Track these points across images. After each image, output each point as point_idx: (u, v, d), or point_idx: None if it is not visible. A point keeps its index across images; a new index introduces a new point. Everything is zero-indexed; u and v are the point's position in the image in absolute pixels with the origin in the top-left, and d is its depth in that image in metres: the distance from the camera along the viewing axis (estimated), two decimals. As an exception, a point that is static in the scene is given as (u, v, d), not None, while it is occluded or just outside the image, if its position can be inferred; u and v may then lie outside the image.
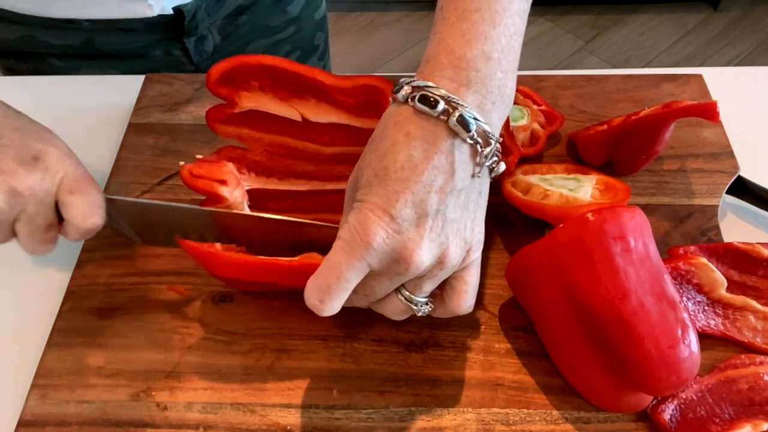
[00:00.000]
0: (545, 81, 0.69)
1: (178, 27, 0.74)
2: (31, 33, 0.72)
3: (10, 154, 0.45)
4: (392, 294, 0.44)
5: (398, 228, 0.40)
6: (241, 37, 0.81)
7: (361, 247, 0.39)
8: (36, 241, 0.47)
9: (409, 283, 0.43)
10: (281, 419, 0.47)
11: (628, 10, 2.16)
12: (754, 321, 0.51)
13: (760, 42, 2.06)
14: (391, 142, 0.41)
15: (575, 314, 0.45)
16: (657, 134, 0.57)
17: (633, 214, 0.45)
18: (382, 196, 0.40)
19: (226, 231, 0.51)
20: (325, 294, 0.40)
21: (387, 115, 0.42)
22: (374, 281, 0.42)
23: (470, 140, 0.40)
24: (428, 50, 0.43)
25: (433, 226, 0.41)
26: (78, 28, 0.72)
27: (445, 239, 0.41)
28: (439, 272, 0.43)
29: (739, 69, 0.74)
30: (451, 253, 0.42)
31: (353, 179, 0.44)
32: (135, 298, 0.54)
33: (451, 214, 0.41)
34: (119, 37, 0.74)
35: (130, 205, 0.51)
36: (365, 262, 0.40)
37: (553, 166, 0.60)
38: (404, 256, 0.40)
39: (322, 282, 0.40)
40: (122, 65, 0.76)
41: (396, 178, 0.40)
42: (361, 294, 0.44)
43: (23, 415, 0.48)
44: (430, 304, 0.45)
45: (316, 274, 0.40)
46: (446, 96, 0.40)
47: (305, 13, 0.86)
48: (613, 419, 0.47)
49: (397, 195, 0.40)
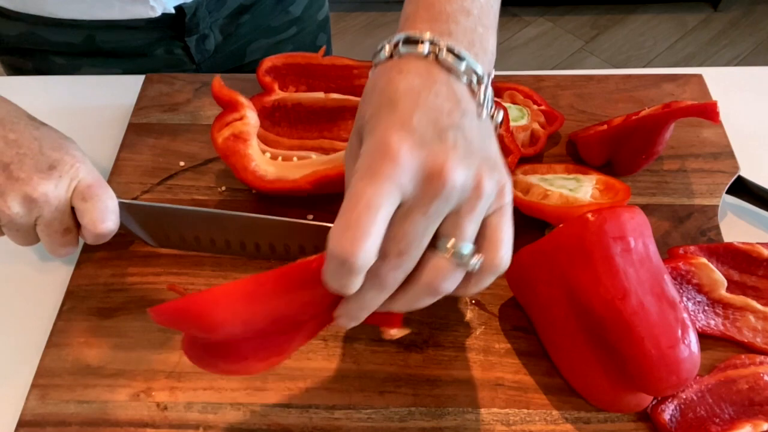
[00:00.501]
0: (545, 81, 0.69)
1: (179, 25, 0.74)
2: (33, 30, 0.73)
3: (28, 163, 0.48)
4: (433, 252, 0.36)
5: (421, 140, 0.34)
6: (243, 36, 0.81)
7: (385, 165, 0.33)
8: (56, 245, 0.51)
9: (447, 225, 0.36)
10: (281, 419, 0.47)
11: (628, 10, 2.16)
12: (754, 321, 0.51)
13: (760, 42, 2.06)
14: (386, 80, 0.37)
15: (575, 314, 0.45)
16: (657, 134, 0.57)
17: (633, 214, 0.45)
18: (394, 117, 0.35)
19: (234, 233, 0.52)
20: (355, 230, 0.32)
21: (374, 72, 0.39)
22: (407, 222, 0.34)
23: (465, 76, 0.38)
24: (406, 8, 0.42)
25: (456, 141, 0.35)
26: (79, 26, 0.72)
27: (475, 161, 0.36)
28: (477, 203, 0.36)
29: (739, 69, 0.74)
30: (485, 178, 0.36)
31: (355, 133, 0.39)
32: (135, 298, 0.54)
33: (471, 136, 0.36)
34: (120, 35, 0.74)
35: (144, 209, 0.53)
36: (394, 182, 0.33)
37: (553, 166, 0.60)
38: (436, 170, 0.34)
39: (348, 217, 0.32)
40: (123, 63, 0.76)
41: (403, 101, 0.36)
42: (394, 257, 0.35)
43: (23, 415, 0.48)
44: (477, 256, 0.37)
45: (338, 217, 0.33)
46: (430, 38, 0.38)
47: (307, 14, 0.86)
48: (613, 419, 0.47)
49: (410, 112, 0.35)
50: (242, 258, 0.56)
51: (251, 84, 0.68)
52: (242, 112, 0.55)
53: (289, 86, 0.61)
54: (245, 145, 0.54)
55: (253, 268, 0.55)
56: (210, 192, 0.60)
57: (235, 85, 0.68)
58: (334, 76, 0.61)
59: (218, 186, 0.60)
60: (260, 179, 0.54)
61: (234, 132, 0.54)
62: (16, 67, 0.79)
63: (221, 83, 0.56)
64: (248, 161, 0.54)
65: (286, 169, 0.55)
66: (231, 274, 0.55)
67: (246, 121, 0.55)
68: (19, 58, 0.77)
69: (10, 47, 0.76)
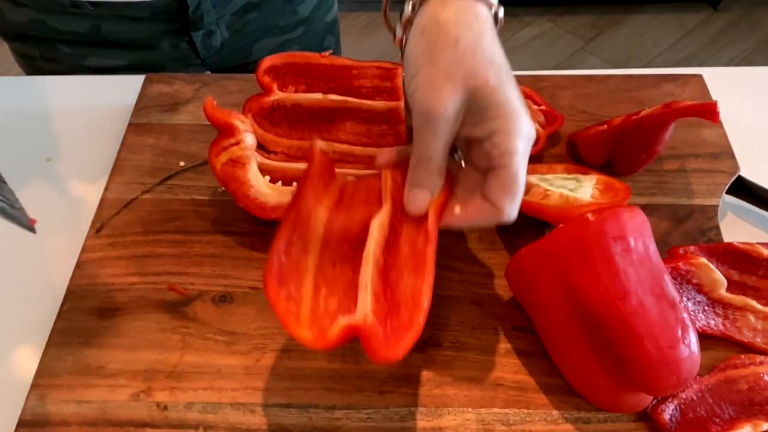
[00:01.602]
0: (545, 81, 0.69)
1: (184, 18, 0.74)
2: (40, 17, 0.73)
3: None
4: None
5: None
6: (250, 34, 0.81)
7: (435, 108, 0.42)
8: None
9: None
10: (281, 419, 0.47)
11: (628, 10, 2.16)
12: (754, 321, 0.51)
13: (760, 42, 2.06)
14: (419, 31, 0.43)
15: (575, 314, 0.45)
16: (657, 134, 0.57)
17: (633, 214, 0.45)
18: (435, 64, 0.42)
19: None
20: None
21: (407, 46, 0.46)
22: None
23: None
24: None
25: (501, 70, 0.43)
26: (84, 14, 0.72)
27: (515, 86, 0.44)
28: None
29: (739, 69, 0.74)
30: (524, 110, 0.44)
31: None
32: (135, 298, 0.54)
33: (505, 63, 0.44)
34: (126, 25, 0.74)
35: None
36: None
37: (553, 166, 0.60)
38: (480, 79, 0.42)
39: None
40: (129, 55, 0.76)
41: (441, 49, 0.42)
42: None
43: (23, 415, 0.48)
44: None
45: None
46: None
47: (316, 15, 0.86)
48: (613, 419, 0.47)
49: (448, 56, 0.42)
50: (242, 259, 0.56)
51: (250, 84, 0.68)
52: (238, 136, 0.53)
53: (288, 86, 0.61)
54: (244, 170, 0.53)
55: (253, 268, 0.55)
56: (210, 192, 0.60)
57: (239, 84, 0.69)
58: (333, 76, 0.61)
59: (218, 186, 0.61)
60: (260, 208, 0.54)
61: (232, 157, 0.53)
62: (24, 54, 0.79)
63: (214, 104, 0.53)
64: (248, 188, 0.53)
65: (285, 195, 0.54)
66: (231, 273, 0.55)
67: (243, 145, 0.53)
68: (27, 45, 0.78)
69: (19, 34, 0.76)
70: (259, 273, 0.55)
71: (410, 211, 0.46)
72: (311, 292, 0.43)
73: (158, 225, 0.58)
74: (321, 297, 0.43)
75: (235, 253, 0.56)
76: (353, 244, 0.46)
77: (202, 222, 0.58)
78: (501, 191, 0.43)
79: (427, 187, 0.45)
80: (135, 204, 0.59)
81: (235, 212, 0.58)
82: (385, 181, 0.49)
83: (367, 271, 0.42)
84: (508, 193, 0.43)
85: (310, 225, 0.47)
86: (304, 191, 0.47)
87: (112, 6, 0.72)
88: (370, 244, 0.44)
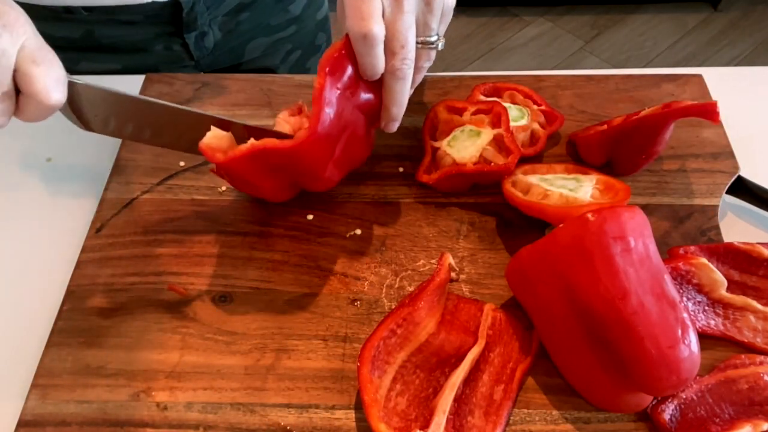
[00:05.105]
0: (545, 81, 0.69)
1: (178, 21, 0.74)
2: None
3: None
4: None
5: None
6: (242, 34, 0.81)
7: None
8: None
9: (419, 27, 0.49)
10: (281, 419, 0.47)
11: (628, 10, 2.16)
12: (754, 321, 0.51)
13: (760, 42, 2.06)
14: None
15: (575, 314, 0.45)
16: (657, 134, 0.57)
17: (633, 214, 0.45)
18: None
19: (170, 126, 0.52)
20: (366, 17, 0.46)
21: None
22: (396, 21, 0.47)
23: None
24: None
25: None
26: (77, 19, 0.72)
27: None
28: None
29: (739, 69, 0.74)
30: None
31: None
32: (135, 298, 0.54)
33: None
34: (119, 30, 0.74)
35: (83, 89, 0.48)
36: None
37: (553, 166, 0.60)
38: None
39: (359, 12, 0.46)
40: (122, 59, 0.76)
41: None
42: (399, 50, 0.48)
43: (23, 415, 0.48)
44: (441, 41, 0.51)
45: (348, 18, 0.47)
46: None
47: (307, 13, 0.86)
48: (613, 419, 0.47)
49: None
50: (241, 259, 0.56)
51: (250, 84, 0.68)
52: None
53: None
54: None
55: (253, 268, 0.55)
56: (210, 192, 0.60)
57: (239, 84, 0.69)
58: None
59: (218, 186, 0.61)
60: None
61: None
62: None
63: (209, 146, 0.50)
64: None
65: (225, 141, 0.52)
66: (231, 273, 0.55)
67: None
68: None
69: None
70: (259, 273, 0.55)
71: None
72: (389, 384, 0.47)
73: (158, 225, 0.58)
74: (394, 392, 0.47)
75: (235, 253, 0.56)
76: (440, 361, 0.49)
77: (202, 222, 0.58)
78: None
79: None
80: (135, 204, 0.59)
81: (235, 212, 0.59)
82: (485, 317, 0.51)
83: (449, 398, 0.45)
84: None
85: (417, 330, 0.49)
86: (424, 296, 0.50)
87: (106, 10, 0.71)
88: (460, 372, 0.47)
